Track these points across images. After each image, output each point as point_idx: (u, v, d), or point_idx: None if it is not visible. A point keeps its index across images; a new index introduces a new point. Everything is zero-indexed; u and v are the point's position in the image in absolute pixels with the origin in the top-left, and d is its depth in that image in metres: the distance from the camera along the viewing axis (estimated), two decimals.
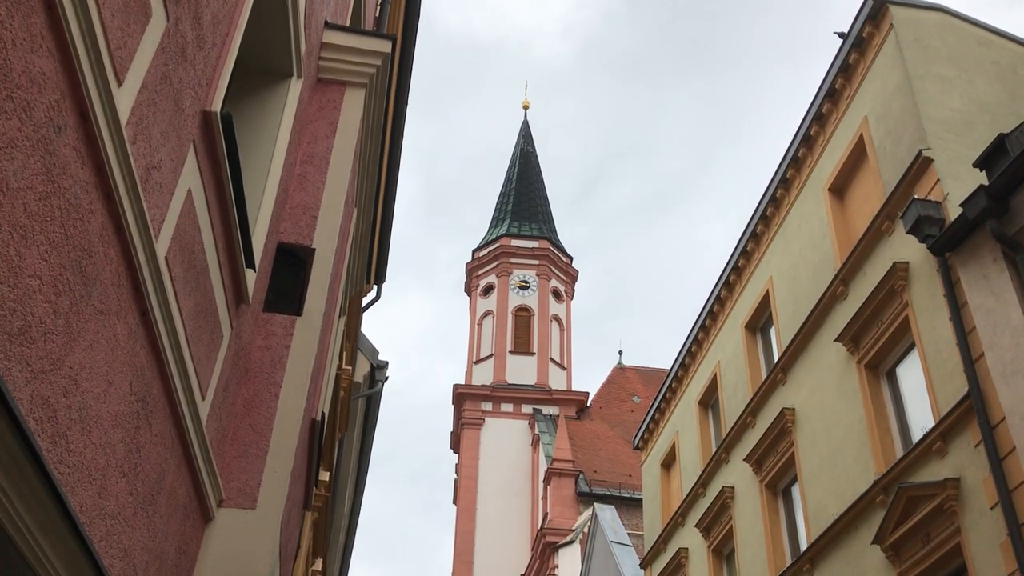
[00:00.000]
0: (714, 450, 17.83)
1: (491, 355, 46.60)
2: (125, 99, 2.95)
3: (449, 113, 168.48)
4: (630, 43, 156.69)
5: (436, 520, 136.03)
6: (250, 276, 5.03)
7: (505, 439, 43.51)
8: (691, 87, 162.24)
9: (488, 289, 49.38)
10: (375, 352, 14.96)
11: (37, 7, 2.33)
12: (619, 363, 47.24)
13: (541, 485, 38.67)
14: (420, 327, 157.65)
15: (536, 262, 49.39)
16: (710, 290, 19.12)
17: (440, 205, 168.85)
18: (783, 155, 15.66)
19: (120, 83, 2.89)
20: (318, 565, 14.29)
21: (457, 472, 44.27)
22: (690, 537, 18.51)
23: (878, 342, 11.86)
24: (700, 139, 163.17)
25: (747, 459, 15.59)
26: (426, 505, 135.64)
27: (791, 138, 15.36)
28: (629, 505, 31.81)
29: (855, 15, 13.38)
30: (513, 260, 49.32)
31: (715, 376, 18.39)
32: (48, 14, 2.39)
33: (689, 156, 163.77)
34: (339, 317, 9.49)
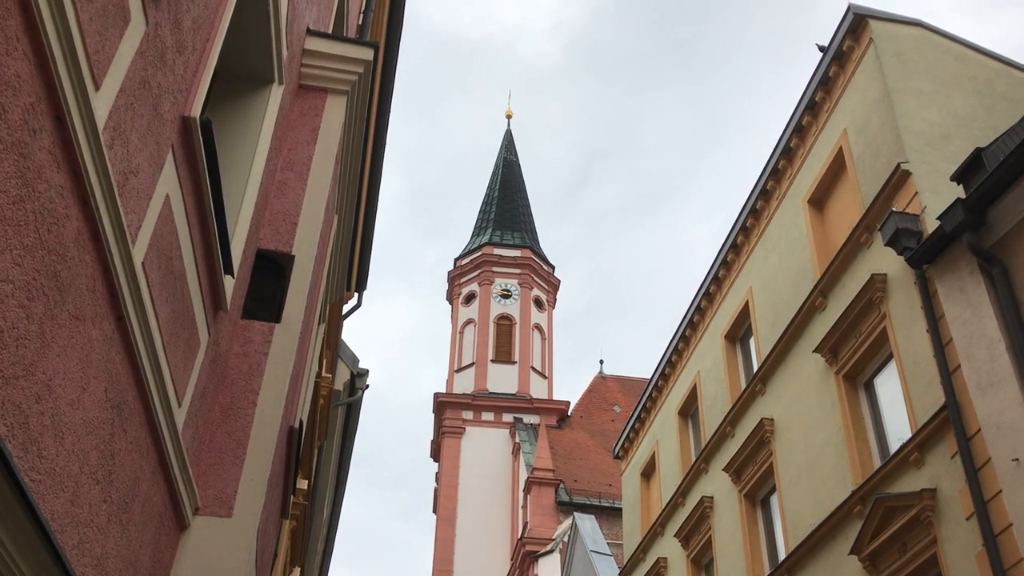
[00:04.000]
0: (693, 460, 17.87)
1: (472, 363, 46.57)
2: (102, 103, 2.93)
3: (434, 111, 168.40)
4: (617, 43, 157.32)
5: (417, 526, 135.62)
6: (228, 283, 5.00)
7: (486, 448, 43.47)
8: (678, 88, 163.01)
9: (470, 297, 49.35)
10: (355, 360, 14.93)
11: (13, 9, 2.31)
12: (600, 372, 47.32)
13: (521, 494, 38.62)
14: (404, 328, 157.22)
15: (518, 271, 49.44)
16: (691, 299, 19.20)
17: (425, 204, 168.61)
18: (763, 167, 15.76)
19: (97, 87, 2.87)
20: (296, 574, 14.20)
21: (437, 480, 44.18)
22: (669, 546, 18.52)
23: (856, 353, 11.93)
24: (686, 141, 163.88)
25: (726, 469, 15.63)
26: (407, 510, 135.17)
27: (772, 149, 15.47)
28: (609, 514, 31.85)
29: (835, 28, 13.51)
30: (495, 269, 49.35)
31: (695, 386, 18.45)
32: (24, 16, 2.37)
33: (675, 158, 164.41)
34: (319, 324, 9.45)
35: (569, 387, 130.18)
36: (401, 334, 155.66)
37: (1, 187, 2.34)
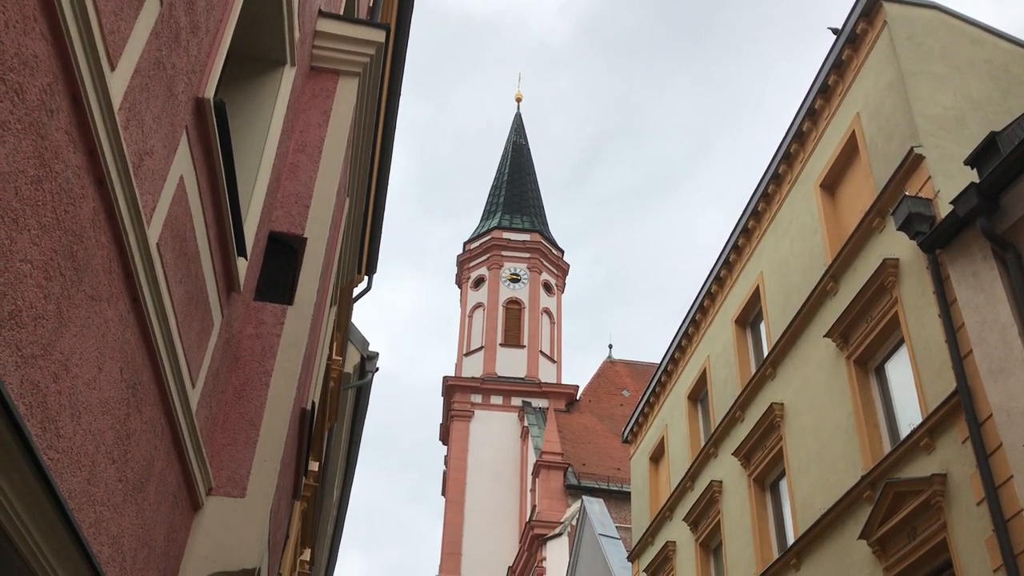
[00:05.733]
0: (703, 444, 17.89)
1: (481, 347, 46.61)
2: (118, 84, 2.93)
3: (443, 90, 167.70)
4: (629, 22, 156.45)
5: (426, 507, 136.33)
6: (241, 264, 5.01)
7: (494, 431, 43.56)
8: (690, 69, 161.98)
9: (479, 281, 49.35)
10: (365, 343, 14.96)
11: None
12: (609, 356, 47.33)
13: (530, 477, 38.73)
14: (413, 309, 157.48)
15: (527, 255, 49.38)
16: (701, 284, 19.17)
17: (434, 184, 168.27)
18: (775, 151, 15.69)
19: (113, 67, 2.87)
20: (306, 555, 14.30)
21: (446, 464, 44.33)
22: (678, 530, 18.58)
23: (867, 338, 11.90)
24: (698, 122, 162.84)
25: (735, 453, 15.64)
26: (416, 492, 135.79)
27: (784, 133, 15.39)
28: (617, 498, 31.90)
29: (849, 11, 13.40)
30: (504, 253, 49.30)
31: (705, 370, 18.44)
32: None
33: (686, 139, 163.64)
34: (330, 307, 9.47)
35: (578, 371, 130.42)
36: (410, 315, 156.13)
37: (20, 167, 2.34)
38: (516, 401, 44.28)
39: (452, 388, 44.95)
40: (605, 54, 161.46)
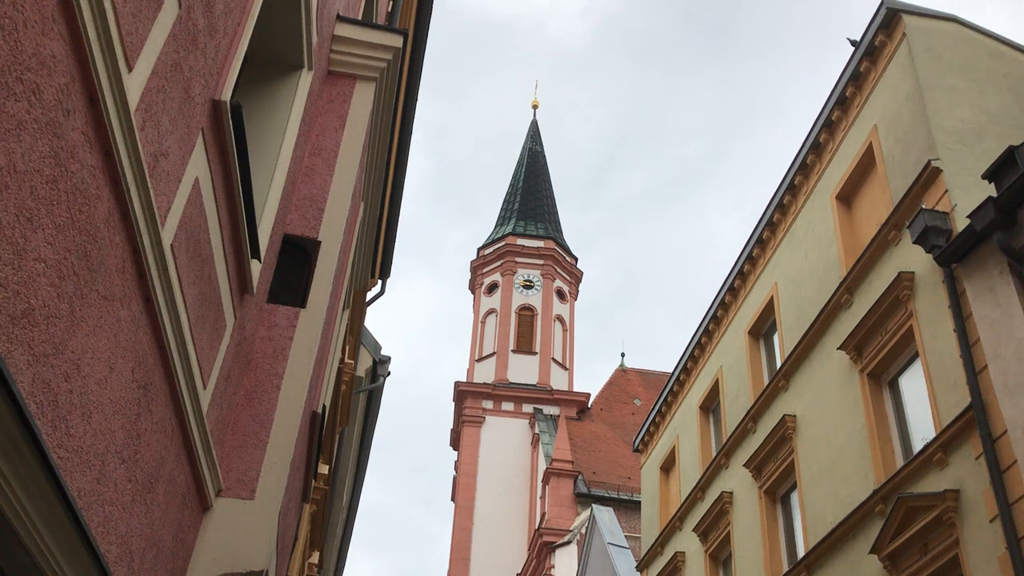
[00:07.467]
0: (714, 455, 17.81)
1: (493, 353, 46.62)
2: (135, 85, 2.95)
3: (460, 92, 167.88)
4: (648, 26, 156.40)
5: (436, 511, 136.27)
6: (255, 267, 5.03)
7: (505, 438, 43.53)
8: (709, 73, 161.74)
9: (492, 287, 49.39)
10: (378, 347, 15.00)
11: None
12: (621, 365, 47.24)
13: (540, 485, 38.66)
14: (427, 311, 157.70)
15: (541, 262, 49.41)
16: (715, 294, 19.12)
17: (450, 187, 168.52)
18: (791, 161, 15.64)
19: (130, 68, 2.88)
20: (315, 558, 14.31)
21: (456, 469, 44.30)
22: (687, 541, 18.49)
23: (881, 351, 11.83)
24: (716, 127, 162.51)
25: (747, 465, 15.57)
26: (427, 495, 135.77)
27: (800, 144, 15.34)
28: (627, 507, 31.81)
29: (868, 23, 13.35)
30: (518, 259, 49.34)
31: (717, 381, 18.37)
32: None
33: (704, 144, 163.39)
34: (343, 311, 9.49)
35: (589, 377, 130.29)
36: (424, 317, 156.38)
37: (35, 166, 2.35)
38: (527, 408, 44.26)
39: (463, 393, 44.97)
40: (623, 58, 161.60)
